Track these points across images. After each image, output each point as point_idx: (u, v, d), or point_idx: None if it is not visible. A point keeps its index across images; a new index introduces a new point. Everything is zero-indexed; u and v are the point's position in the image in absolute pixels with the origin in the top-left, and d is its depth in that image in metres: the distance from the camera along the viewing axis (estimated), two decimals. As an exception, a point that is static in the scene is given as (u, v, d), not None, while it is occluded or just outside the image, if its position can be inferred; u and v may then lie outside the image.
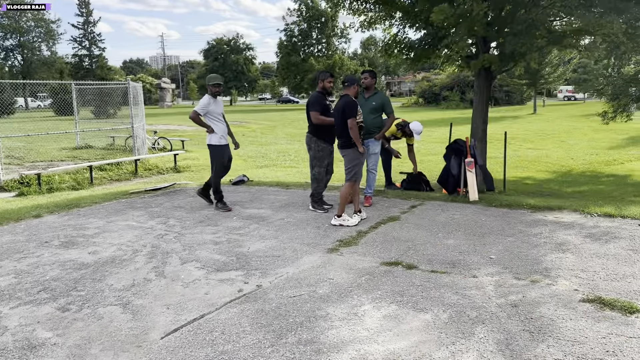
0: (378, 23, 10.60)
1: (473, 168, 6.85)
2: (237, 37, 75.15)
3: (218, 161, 6.89)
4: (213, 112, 6.80)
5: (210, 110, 6.78)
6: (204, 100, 6.81)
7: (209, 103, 6.77)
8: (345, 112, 5.73)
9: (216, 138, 6.83)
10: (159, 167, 14.73)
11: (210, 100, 6.81)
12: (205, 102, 6.79)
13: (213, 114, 6.80)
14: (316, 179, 6.50)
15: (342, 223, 5.84)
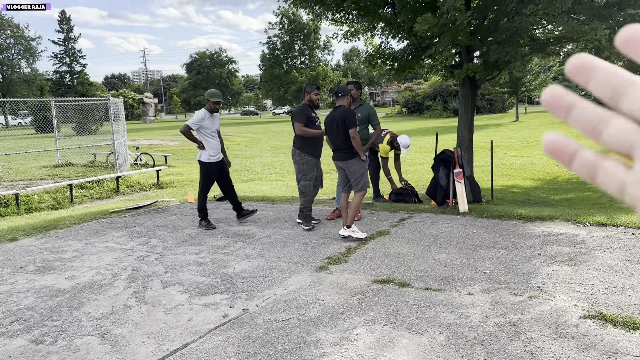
0: (360, 34, 10.54)
1: (462, 179, 6.74)
2: (219, 51, 75.02)
3: (205, 178, 6.65)
4: (207, 128, 6.56)
5: (204, 126, 6.55)
6: (199, 115, 6.59)
7: (203, 118, 6.55)
8: (346, 122, 5.64)
9: (206, 155, 6.60)
10: (141, 183, 14.43)
11: (205, 115, 6.58)
12: (199, 116, 6.57)
13: (207, 129, 6.56)
14: (303, 193, 6.33)
15: (350, 234, 5.72)
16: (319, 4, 9.26)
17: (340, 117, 5.65)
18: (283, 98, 62.91)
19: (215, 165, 6.67)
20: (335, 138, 5.73)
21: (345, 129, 5.64)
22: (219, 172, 6.74)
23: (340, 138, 5.70)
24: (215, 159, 6.64)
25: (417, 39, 9.59)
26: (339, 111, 5.69)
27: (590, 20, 7.59)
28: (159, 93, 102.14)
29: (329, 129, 5.74)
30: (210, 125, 6.58)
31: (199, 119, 6.53)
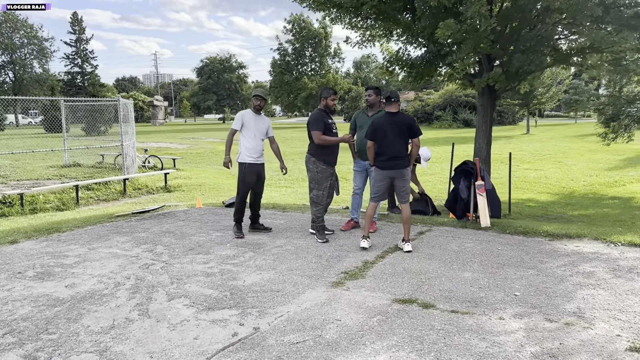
0: (377, 39, 10.28)
1: (484, 192, 6.41)
2: (230, 56, 75.15)
3: (241, 180, 6.35)
4: (248, 128, 6.26)
5: (246, 124, 6.26)
6: (239, 114, 6.38)
7: (243, 115, 6.31)
8: (413, 130, 5.46)
9: (242, 155, 6.30)
10: (148, 186, 14.20)
11: (246, 114, 6.34)
12: (238, 115, 6.38)
13: (248, 129, 6.26)
14: (314, 202, 6.03)
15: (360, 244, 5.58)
16: (337, 7, 9.01)
17: (406, 124, 5.40)
18: (292, 104, 62.86)
19: (250, 167, 6.28)
20: (393, 145, 5.37)
21: (408, 137, 5.44)
22: (257, 176, 6.40)
23: (401, 146, 5.41)
24: (250, 159, 6.29)
25: (436, 45, 9.31)
26: (402, 117, 5.42)
27: (619, 30, 7.27)
28: (169, 96, 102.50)
29: (383, 135, 5.34)
30: (252, 125, 6.26)
31: (237, 117, 6.32)
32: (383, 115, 5.43)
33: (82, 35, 69.28)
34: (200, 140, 33.61)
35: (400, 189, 5.52)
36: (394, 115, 5.39)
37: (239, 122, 6.26)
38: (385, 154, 5.39)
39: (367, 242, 5.52)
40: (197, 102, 74.84)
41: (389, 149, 5.36)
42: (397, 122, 5.36)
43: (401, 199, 5.54)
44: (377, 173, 5.46)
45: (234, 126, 6.28)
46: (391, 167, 5.42)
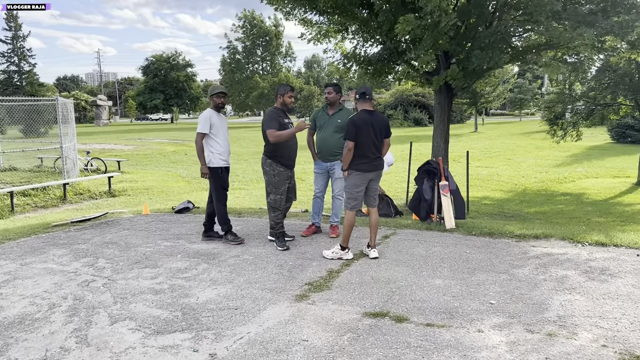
0: (331, 36, 9.97)
1: (448, 192, 6.21)
2: (176, 54, 73.19)
3: (219, 185, 5.82)
4: (218, 129, 5.75)
5: (215, 126, 5.73)
6: (204, 115, 5.75)
7: (210, 116, 5.73)
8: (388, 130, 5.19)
9: (216, 159, 5.77)
10: (91, 191, 13.35)
11: (212, 113, 5.78)
12: (205, 116, 5.74)
13: (218, 130, 5.75)
14: (272, 207, 5.62)
15: (342, 256, 5.13)
16: (290, 1, 8.63)
17: (383, 123, 5.11)
18: (244, 104, 61.84)
19: (226, 171, 5.87)
20: (375, 146, 5.03)
21: (384, 137, 5.14)
22: (228, 177, 5.96)
23: (380, 146, 5.11)
24: (225, 164, 5.82)
25: (394, 42, 9.10)
26: (379, 116, 5.11)
27: (576, 26, 7.25)
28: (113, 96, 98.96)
29: (365, 134, 4.95)
30: (220, 126, 5.77)
31: (205, 118, 5.72)
32: (362, 113, 5.05)
33: (19, 32, 65.77)
34: (146, 141, 32.37)
35: (373, 191, 5.20)
36: (371, 114, 5.06)
37: (206, 124, 5.70)
38: (367, 156, 5.01)
39: (349, 253, 5.16)
40: (143, 102, 72.40)
41: (371, 149, 5.02)
42: (375, 121, 5.03)
43: (372, 202, 5.22)
44: (358, 177, 5.06)
45: (203, 129, 5.69)
46: (373, 168, 5.09)
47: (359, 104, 5.09)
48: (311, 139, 6.10)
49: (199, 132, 5.69)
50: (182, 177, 16.18)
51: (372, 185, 5.15)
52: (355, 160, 5.01)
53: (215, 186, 5.82)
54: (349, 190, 5.10)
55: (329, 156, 5.87)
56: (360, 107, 5.09)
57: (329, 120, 5.86)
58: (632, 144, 26.52)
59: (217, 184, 5.81)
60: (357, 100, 5.09)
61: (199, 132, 5.70)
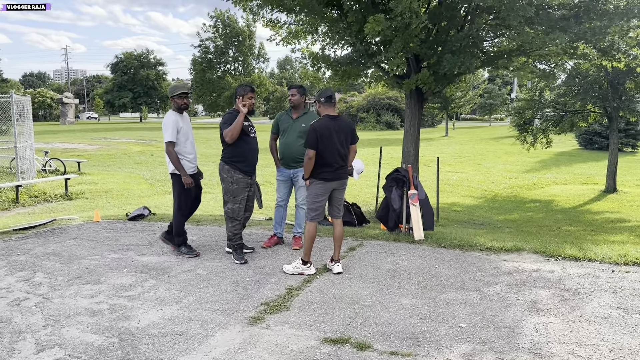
0: (300, 37, 9.62)
1: (417, 201, 5.91)
2: (147, 52, 71.68)
3: (182, 194, 5.32)
4: (184, 132, 5.24)
5: (180, 128, 5.21)
6: (169, 119, 5.18)
7: (175, 121, 5.19)
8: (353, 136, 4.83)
9: (188, 164, 5.30)
10: (46, 193, 12.65)
11: (176, 117, 5.25)
12: (170, 120, 5.17)
13: (184, 134, 5.24)
14: (230, 218, 5.21)
15: (303, 272, 4.75)
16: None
17: (349, 129, 4.74)
18: (215, 104, 60.91)
19: (195, 176, 5.45)
20: (339, 152, 4.65)
21: (349, 143, 4.77)
22: (197, 186, 5.50)
23: (345, 154, 4.74)
24: (191, 169, 5.35)
25: (363, 44, 8.82)
26: (344, 122, 4.73)
27: (549, 31, 7.08)
28: (81, 94, 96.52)
29: (328, 142, 4.57)
30: (186, 128, 5.28)
31: (171, 123, 5.17)
32: (324, 119, 4.68)
33: (-20, 25, 63.38)
34: (112, 141, 31.39)
35: (338, 202, 4.85)
36: (335, 120, 4.68)
37: (173, 130, 5.15)
38: (330, 165, 4.63)
39: (311, 268, 4.79)
40: (111, 100, 70.61)
41: (335, 157, 4.65)
42: (340, 126, 4.66)
43: (337, 212, 4.87)
44: (320, 186, 4.69)
45: (171, 137, 5.13)
46: (336, 177, 4.71)
47: (322, 109, 4.74)
48: (274, 143, 5.72)
49: (168, 141, 5.16)
50: (145, 179, 15.57)
51: (336, 195, 4.81)
52: (317, 169, 4.66)
53: (179, 193, 5.36)
54: (310, 201, 4.74)
55: (292, 163, 5.51)
56: (323, 112, 4.74)
57: (293, 124, 5.49)
58: (599, 150, 27.00)
59: (182, 191, 5.34)
60: (321, 104, 4.74)
61: (167, 141, 5.17)
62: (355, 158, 4.96)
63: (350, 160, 4.83)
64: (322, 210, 4.78)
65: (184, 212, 5.45)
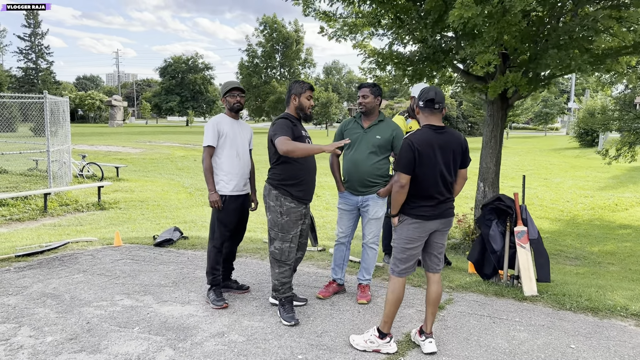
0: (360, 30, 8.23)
1: (527, 242, 4.40)
2: (195, 56, 72.08)
3: (217, 220, 4.16)
4: (229, 140, 4.12)
5: (225, 135, 4.10)
6: (211, 122, 4.15)
7: (217, 122, 4.13)
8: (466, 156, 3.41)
9: (222, 183, 4.11)
10: (78, 201, 11.75)
11: (222, 119, 4.18)
12: (213, 122, 4.14)
13: (229, 142, 4.12)
14: (277, 261, 3.85)
15: (380, 348, 3.32)
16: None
17: (460, 147, 3.33)
18: (260, 109, 60.37)
19: (232, 201, 4.14)
20: (444, 180, 3.27)
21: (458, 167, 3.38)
22: (241, 213, 4.26)
23: (452, 181, 3.34)
24: (235, 190, 4.13)
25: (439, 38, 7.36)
26: (453, 137, 3.31)
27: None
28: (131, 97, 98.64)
29: (430, 163, 3.21)
30: (233, 136, 4.13)
31: (211, 125, 4.11)
32: (425, 131, 3.27)
33: (37, 30, 65.36)
34: (156, 144, 30.91)
35: (438, 249, 3.41)
36: (441, 132, 3.28)
37: (213, 133, 4.08)
38: (431, 197, 3.26)
39: (391, 344, 3.37)
40: (158, 103, 71.27)
41: (437, 186, 3.26)
42: (447, 142, 3.27)
43: (435, 264, 3.44)
44: (414, 227, 3.29)
45: (209, 142, 4.07)
46: (438, 215, 3.30)
47: (422, 116, 3.32)
48: (336, 160, 4.33)
49: (205, 146, 4.08)
50: (185, 187, 14.53)
51: (436, 240, 3.38)
52: (412, 203, 3.26)
53: (213, 220, 4.16)
54: (398, 247, 3.33)
55: (361, 187, 4.10)
56: (423, 121, 3.32)
57: (364, 135, 4.09)
58: (678, 167, 24.30)
59: (217, 217, 4.13)
60: (419, 110, 3.33)
61: (204, 145, 4.08)
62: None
63: (457, 191, 3.39)
64: (415, 261, 3.35)
65: (218, 244, 4.16)
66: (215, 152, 4.09)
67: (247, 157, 4.24)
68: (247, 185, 4.26)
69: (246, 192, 4.24)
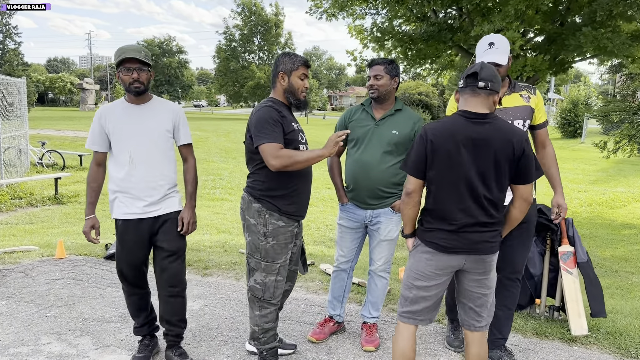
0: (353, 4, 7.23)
1: (574, 266, 3.48)
2: (168, 39, 69.79)
3: (118, 253, 2.92)
4: (117, 137, 2.82)
5: (113, 131, 2.82)
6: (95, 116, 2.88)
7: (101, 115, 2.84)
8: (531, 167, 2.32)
9: (116, 201, 2.87)
10: (33, 194, 10.52)
11: (112, 108, 2.88)
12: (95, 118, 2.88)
13: (117, 141, 2.83)
14: (259, 300, 2.79)
15: None
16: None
17: (512, 149, 2.24)
18: (238, 94, 58.73)
19: (133, 228, 2.84)
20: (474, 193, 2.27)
21: (508, 178, 2.31)
22: (146, 242, 2.88)
23: (493, 199, 2.29)
24: (133, 212, 2.82)
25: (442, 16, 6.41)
26: (501, 131, 2.25)
27: None
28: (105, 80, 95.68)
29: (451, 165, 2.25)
30: (123, 130, 2.81)
31: (94, 121, 2.87)
32: (454, 119, 2.28)
33: (3, 7, 62.29)
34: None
35: (473, 298, 2.41)
36: (481, 123, 2.26)
37: (96, 131, 2.85)
38: (452, 218, 2.28)
39: None
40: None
41: (463, 202, 2.26)
42: (486, 139, 2.24)
43: (474, 320, 2.44)
44: (427, 259, 2.35)
45: (89, 144, 2.87)
46: (465, 248, 2.29)
47: (462, 100, 2.33)
48: (337, 161, 3.31)
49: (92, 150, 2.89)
50: (155, 178, 13.34)
51: (469, 288, 2.40)
52: (426, 222, 2.34)
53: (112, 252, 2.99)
54: (406, 281, 2.38)
55: (371, 199, 3.08)
56: (461, 106, 2.34)
57: (376, 129, 3.06)
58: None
59: (116, 248, 2.95)
60: (460, 94, 2.34)
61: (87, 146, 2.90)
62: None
63: (511, 217, 2.40)
64: (428, 307, 2.38)
65: (126, 288, 2.99)
66: (109, 154, 2.88)
67: (156, 158, 2.83)
68: (163, 203, 2.86)
69: (158, 213, 2.84)
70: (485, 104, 2.28)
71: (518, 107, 2.92)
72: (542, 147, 3.16)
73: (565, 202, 3.11)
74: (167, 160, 2.89)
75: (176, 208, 2.92)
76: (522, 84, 3.09)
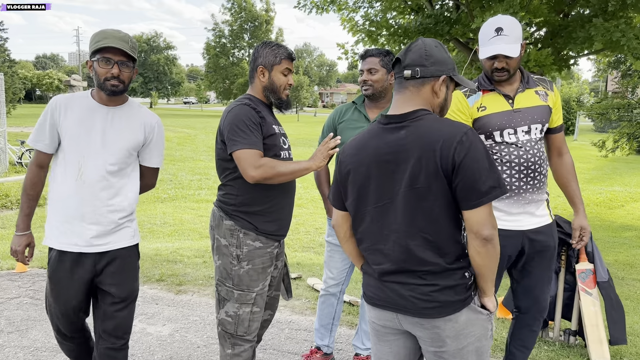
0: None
1: (594, 286, 3.09)
2: (156, 35, 68.89)
3: (48, 293, 2.31)
4: (74, 142, 2.19)
5: (64, 130, 2.18)
6: (48, 106, 2.21)
7: (58, 105, 2.19)
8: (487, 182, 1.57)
9: (52, 229, 2.23)
10: (9, 196, 10.03)
11: (73, 101, 2.22)
12: (47, 107, 2.21)
13: (70, 147, 2.19)
14: (231, 336, 2.34)
15: None
16: None
17: (434, 158, 1.56)
18: (228, 91, 58.08)
19: (68, 262, 2.22)
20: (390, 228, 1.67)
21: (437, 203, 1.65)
22: (87, 284, 2.27)
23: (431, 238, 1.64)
24: (72, 242, 2.20)
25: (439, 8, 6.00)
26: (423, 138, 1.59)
27: None
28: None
29: (360, 192, 1.73)
30: (81, 134, 2.19)
31: (45, 112, 2.21)
32: (370, 129, 1.77)
33: (-11, 3, 61.26)
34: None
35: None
36: (392, 128, 1.67)
37: (46, 126, 2.21)
38: (371, 259, 1.76)
39: None
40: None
41: (381, 243, 1.70)
42: (399, 152, 1.62)
43: None
44: (368, 310, 1.84)
45: (31, 140, 2.25)
46: (388, 298, 1.70)
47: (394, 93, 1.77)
48: (325, 170, 2.88)
49: (34, 151, 2.27)
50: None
51: (427, 356, 1.76)
52: (365, 264, 1.84)
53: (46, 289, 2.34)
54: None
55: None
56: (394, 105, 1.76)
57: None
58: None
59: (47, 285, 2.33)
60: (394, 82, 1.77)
61: (31, 146, 2.38)
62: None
63: (476, 268, 1.68)
64: None
65: (58, 333, 2.41)
66: (54, 163, 2.27)
67: (115, 178, 2.26)
68: (114, 235, 2.27)
69: (105, 248, 2.26)
70: (416, 100, 1.66)
71: (535, 107, 2.39)
72: (557, 156, 2.61)
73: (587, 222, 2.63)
74: (130, 182, 2.32)
75: (128, 242, 2.32)
76: (536, 77, 2.57)
